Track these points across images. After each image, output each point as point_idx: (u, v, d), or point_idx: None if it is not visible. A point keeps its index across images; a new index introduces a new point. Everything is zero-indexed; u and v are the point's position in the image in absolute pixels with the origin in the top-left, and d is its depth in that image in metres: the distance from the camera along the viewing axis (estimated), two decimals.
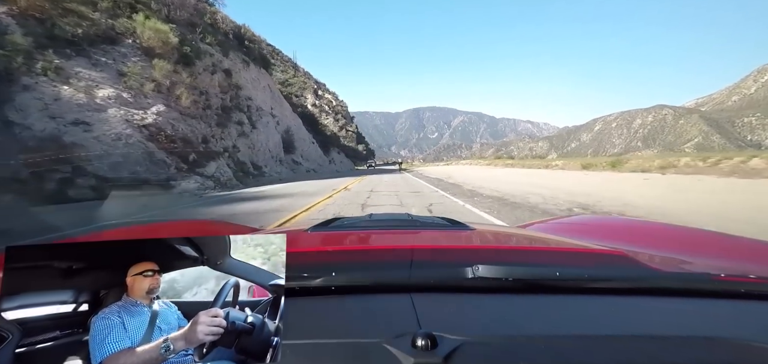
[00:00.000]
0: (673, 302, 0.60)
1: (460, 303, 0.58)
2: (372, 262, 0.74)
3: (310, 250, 0.83)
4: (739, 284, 0.64)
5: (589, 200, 7.13)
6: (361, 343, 0.46)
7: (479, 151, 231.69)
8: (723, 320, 0.56)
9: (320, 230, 1.12)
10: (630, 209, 5.84)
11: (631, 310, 0.58)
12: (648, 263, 0.72)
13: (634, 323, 0.54)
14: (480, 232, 1.10)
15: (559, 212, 5.81)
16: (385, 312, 0.55)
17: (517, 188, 10.09)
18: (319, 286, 0.59)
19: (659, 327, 0.52)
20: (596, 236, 1.09)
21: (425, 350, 0.42)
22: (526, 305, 0.58)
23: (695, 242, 1.03)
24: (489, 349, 0.45)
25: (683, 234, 1.16)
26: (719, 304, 0.60)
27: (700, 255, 0.87)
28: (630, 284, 0.64)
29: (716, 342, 0.48)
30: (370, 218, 1.39)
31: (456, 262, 0.72)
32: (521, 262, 0.76)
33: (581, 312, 0.56)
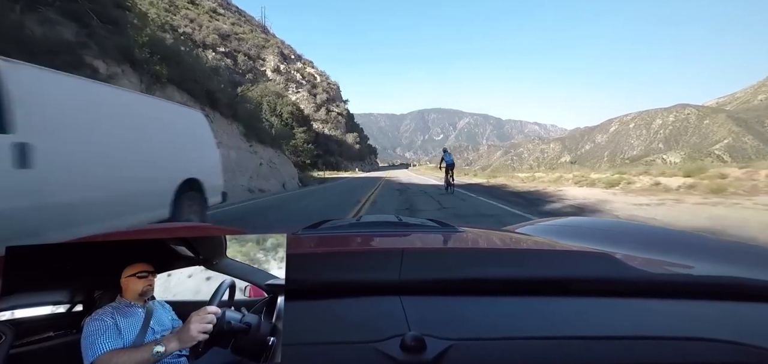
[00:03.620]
0: (657, 303, 0.62)
1: (450, 305, 0.58)
2: (361, 264, 0.74)
3: (300, 251, 0.82)
4: (725, 285, 0.65)
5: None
6: (351, 345, 0.48)
7: (486, 153, 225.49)
8: (709, 321, 0.57)
9: (310, 232, 1.12)
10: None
11: (619, 311, 0.59)
12: (633, 264, 0.72)
13: (621, 323, 0.55)
14: (469, 234, 1.11)
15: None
16: (375, 314, 0.56)
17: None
18: (308, 288, 0.59)
19: (646, 328, 0.54)
20: (585, 237, 1.11)
21: (414, 352, 0.43)
22: (515, 307, 0.59)
23: (680, 244, 1.05)
24: (478, 350, 0.46)
25: (670, 237, 1.20)
26: (705, 305, 0.62)
27: (684, 257, 0.87)
28: (617, 285, 0.65)
29: (702, 342, 0.49)
30: (360, 220, 1.38)
31: (445, 263, 0.74)
32: (510, 263, 0.77)
33: (570, 313, 0.57)
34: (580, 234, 1.19)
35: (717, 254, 0.94)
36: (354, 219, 1.41)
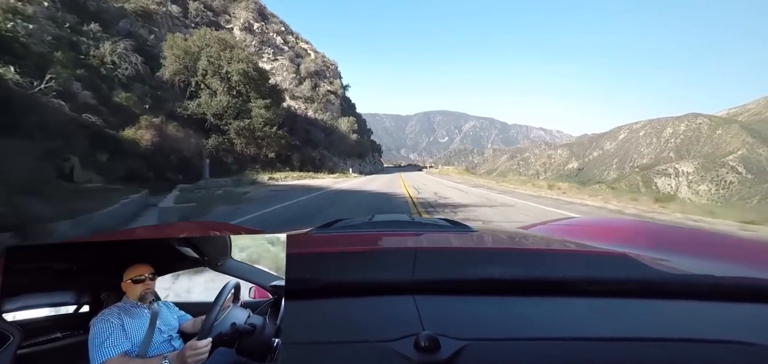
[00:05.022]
0: (675, 304, 0.61)
1: (463, 305, 0.59)
2: (375, 263, 0.75)
3: (313, 251, 0.83)
4: (742, 286, 0.65)
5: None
6: (365, 344, 0.48)
7: (492, 157, 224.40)
8: (727, 322, 0.56)
9: (323, 232, 1.13)
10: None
11: (634, 312, 0.59)
12: (650, 265, 0.72)
13: (636, 325, 0.55)
14: (482, 233, 1.12)
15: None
16: (389, 313, 0.56)
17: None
18: (322, 287, 0.60)
19: (662, 329, 0.53)
20: (598, 237, 1.11)
21: (428, 352, 0.43)
22: (528, 307, 0.59)
23: (697, 243, 1.03)
24: (492, 350, 0.47)
25: (685, 235, 1.18)
26: (723, 306, 0.61)
27: (703, 256, 0.88)
28: (632, 286, 0.64)
29: (719, 345, 0.49)
30: (373, 219, 1.39)
31: (459, 263, 0.74)
32: (524, 263, 0.77)
33: (583, 314, 0.58)
34: (595, 234, 1.20)
35: (738, 252, 0.93)
36: (367, 218, 1.41)
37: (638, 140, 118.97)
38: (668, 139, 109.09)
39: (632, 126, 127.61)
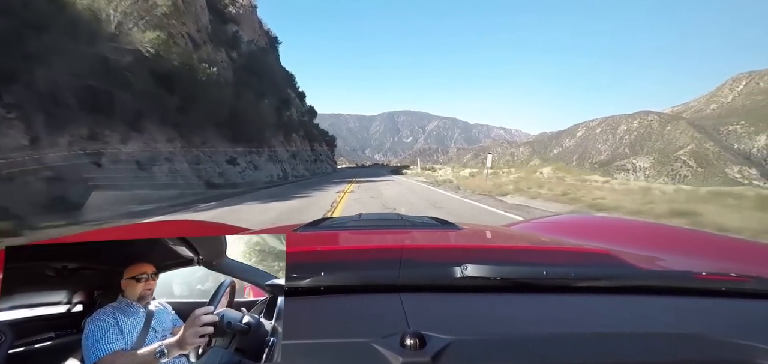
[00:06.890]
0: (656, 300, 0.63)
1: (449, 302, 0.60)
2: (361, 262, 0.76)
3: (299, 250, 0.82)
4: (721, 282, 0.67)
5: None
6: (350, 343, 0.48)
7: (456, 156, 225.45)
8: (705, 318, 0.59)
9: (309, 230, 1.12)
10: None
11: (617, 308, 0.61)
12: (632, 262, 0.75)
13: (619, 321, 0.57)
14: (468, 231, 1.12)
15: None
16: (374, 312, 0.57)
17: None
18: (307, 286, 0.60)
19: (644, 325, 0.55)
20: (583, 235, 1.12)
21: (414, 350, 0.44)
22: (514, 304, 0.61)
23: (678, 241, 1.06)
24: (477, 348, 0.47)
25: (666, 233, 1.20)
26: (701, 302, 0.64)
27: (683, 254, 0.90)
28: (615, 283, 0.67)
29: (699, 339, 0.51)
30: (359, 217, 1.38)
31: (445, 261, 0.75)
32: (509, 261, 0.79)
33: (568, 311, 0.59)
34: (578, 232, 1.20)
35: (717, 250, 0.96)
36: (354, 217, 1.40)
37: (595, 137, 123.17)
38: (623, 136, 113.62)
39: (589, 123, 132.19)
